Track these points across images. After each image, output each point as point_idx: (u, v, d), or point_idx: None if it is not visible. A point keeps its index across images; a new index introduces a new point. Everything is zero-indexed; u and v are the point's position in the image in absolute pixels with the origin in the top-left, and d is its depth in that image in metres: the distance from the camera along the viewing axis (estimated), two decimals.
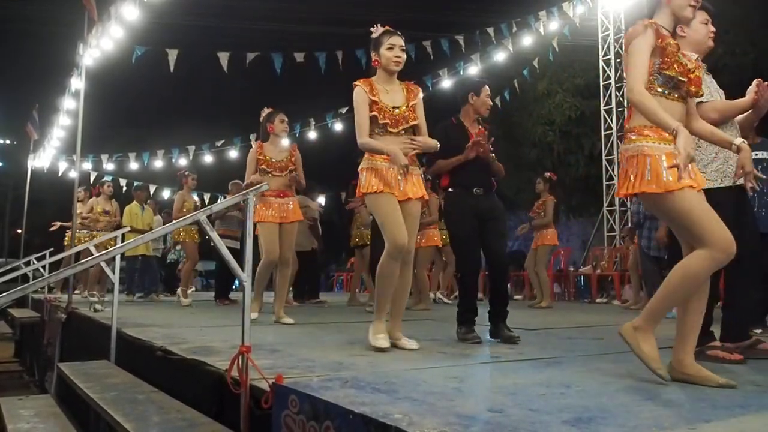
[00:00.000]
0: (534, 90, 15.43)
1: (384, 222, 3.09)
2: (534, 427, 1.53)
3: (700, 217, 2.15)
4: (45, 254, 8.25)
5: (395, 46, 3.19)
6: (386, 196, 3.10)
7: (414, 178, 3.20)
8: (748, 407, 1.81)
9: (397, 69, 3.23)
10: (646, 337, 2.20)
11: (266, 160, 4.82)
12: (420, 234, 6.78)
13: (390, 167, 3.13)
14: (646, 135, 2.21)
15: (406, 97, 3.25)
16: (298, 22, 21.75)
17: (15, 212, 24.96)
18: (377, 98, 3.16)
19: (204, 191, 14.08)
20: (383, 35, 3.21)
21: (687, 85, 2.29)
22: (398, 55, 3.19)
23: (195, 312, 6.12)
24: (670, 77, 2.26)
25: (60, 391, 4.17)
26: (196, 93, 26.97)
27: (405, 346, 3.08)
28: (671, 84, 2.27)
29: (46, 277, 2.83)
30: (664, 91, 2.27)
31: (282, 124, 4.92)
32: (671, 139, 2.15)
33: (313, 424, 1.76)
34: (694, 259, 2.15)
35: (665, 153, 2.17)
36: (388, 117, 3.15)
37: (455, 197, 3.71)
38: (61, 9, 18.91)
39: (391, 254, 3.05)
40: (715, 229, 2.13)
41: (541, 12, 11.25)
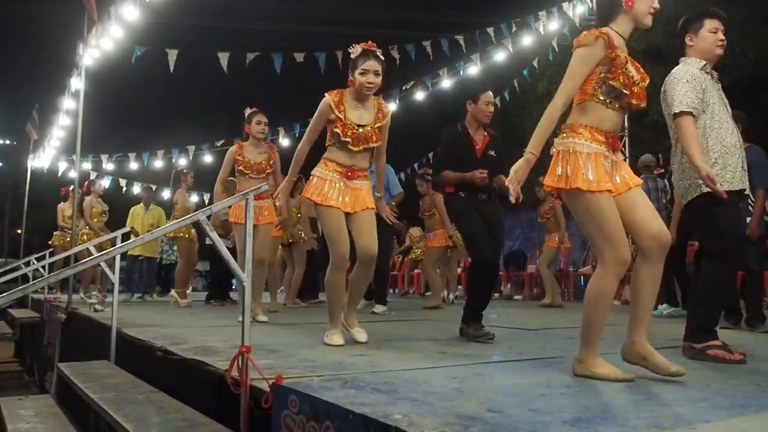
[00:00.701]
0: (534, 90, 15.41)
1: (330, 235, 3.25)
2: (534, 427, 1.53)
3: (603, 229, 2.22)
4: (45, 254, 8.26)
5: (369, 72, 3.23)
6: (334, 211, 3.24)
7: (363, 192, 3.33)
8: (747, 407, 1.80)
9: (367, 93, 3.30)
10: (594, 362, 2.27)
11: (244, 161, 4.81)
12: (430, 234, 6.99)
13: (341, 180, 3.27)
14: (579, 133, 2.28)
15: (375, 117, 3.32)
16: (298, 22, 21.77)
17: (15, 212, 24.99)
18: (342, 115, 3.25)
19: (204, 191, 14.08)
20: (359, 57, 3.25)
21: (629, 97, 2.32)
22: (371, 81, 3.24)
23: (195, 312, 6.12)
24: (613, 87, 2.29)
25: (60, 391, 4.17)
26: (196, 93, 26.96)
27: (355, 337, 3.26)
28: (614, 94, 2.30)
29: (46, 277, 2.83)
30: (606, 100, 2.30)
31: (258, 126, 4.88)
32: (603, 142, 2.28)
33: (313, 424, 1.76)
34: (598, 278, 2.27)
35: (595, 153, 2.25)
36: (350, 135, 3.25)
37: (463, 200, 3.75)
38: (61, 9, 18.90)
39: (335, 265, 3.24)
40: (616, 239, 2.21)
41: (541, 12, 11.24)
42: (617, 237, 2.23)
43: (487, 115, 3.80)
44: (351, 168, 3.29)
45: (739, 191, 2.98)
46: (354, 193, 3.29)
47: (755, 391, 2.07)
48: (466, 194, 3.73)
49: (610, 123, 2.32)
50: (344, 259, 3.26)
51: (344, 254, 3.24)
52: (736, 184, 2.95)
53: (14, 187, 26.35)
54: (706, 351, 2.73)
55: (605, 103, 2.30)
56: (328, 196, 3.23)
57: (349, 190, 3.28)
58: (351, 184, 3.29)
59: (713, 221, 2.90)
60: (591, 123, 2.29)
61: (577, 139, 2.26)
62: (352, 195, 3.28)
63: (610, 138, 2.32)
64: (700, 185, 2.87)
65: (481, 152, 3.79)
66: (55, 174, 13.70)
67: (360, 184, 3.32)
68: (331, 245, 3.24)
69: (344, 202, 3.26)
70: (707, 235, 3.01)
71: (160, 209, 8.70)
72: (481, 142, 3.81)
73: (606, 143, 2.30)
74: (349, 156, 3.29)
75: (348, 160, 3.29)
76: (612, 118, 2.32)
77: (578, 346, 2.32)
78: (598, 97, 2.30)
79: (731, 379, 2.20)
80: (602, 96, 2.30)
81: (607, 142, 2.30)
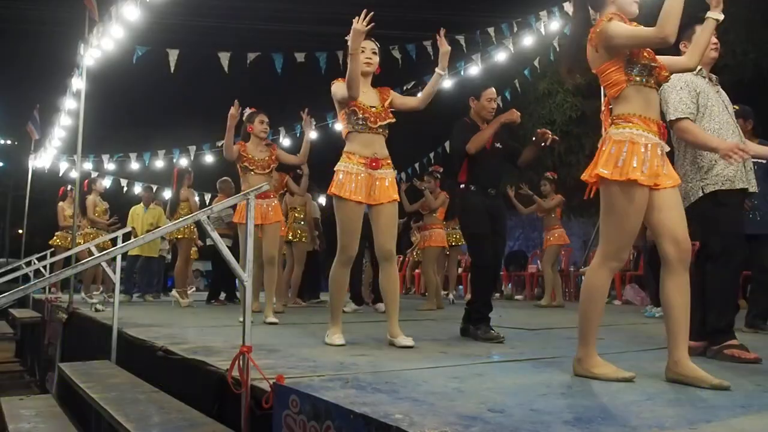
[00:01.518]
0: (535, 90, 15.41)
1: (342, 229, 3.24)
2: (535, 427, 1.53)
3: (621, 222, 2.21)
4: (46, 254, 8.26)
5: (366, 49, 3.31)
6: (351, 205, 3.21)
7: (387, 182, 3.29)
8: (749, 407, 1.80)
9: (369, 70, 3.34)
10: (593, 362, 2.27)
11: (248, 158, 4.81)
12: (428, 233, 6.86)
13: (365, 171, 3.23)
14: (635, 123, 2.25)
15: (381, 99, 3.37)
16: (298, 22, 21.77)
17: (16, 212, 24.97)
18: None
19: (205, 191, 14.08)
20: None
21: (659, 70, 2.30)
22: (369, 57, 3.33)
23: (196, 312, 6.13)
24: (644, 65, 2.27)
25: (61, 391, 4.18)
26: (196, 93, 26.94)
27: (401, 344, 3.13)
28: (646, 71, 2.28)
29: (47, 277, 2.83)
30: (642, 80, 2.28)
31: (261, 125, 4.90)
32: (656, 131, 2.25)
33: (313, 424, 1.76)
34: (591, 274, 2.30)
35: (653, 144, 2.22)
36: (366, 113, 3.26)
37: (474, 196, 3.76)
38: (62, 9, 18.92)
39: (342, 261, 3.25)
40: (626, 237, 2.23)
41: (542, 12, 11.23)
42: (629, 237, 2.25)
43: (490, 111, 3.85)
44: (374, 157, 3.26)
45: (742, 190, 2.98)
46: (379, 184, 3.27)
47: (756, 391, 2.07)
48: (477, 188, 3.75)
49: (654, 106, 2.30)
50: (350, 257, 3.26)
51: (352, 251, 3.23)
52: (738, 183, 2.96)
53: (15, 187, 26.37)
54: (723, 351, 2.75)
55: (643, 84, 2.28)
56: (350, 189, 3.20)
57: (374, 180, 3.26)
58: (376, 174, 3.27)
59: (713, 222, 2.92)
60: (639, 111, 2.26)
61: (634, 130, 2.23)
62: (377, 186, 3.26)
63: (661, 126, 2.30)
64: (702, 187, 2.90)
65: (490, 144, 3.81)
66: (56, 174, 13.70)
67: (385, 173, 3.30)
68: (341, 239, 3.23)
69: (367, 193, 3.23)
70: (708, 235, 3.01)
71: (159, 209, 8.69)
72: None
73: (658, 133, 2.27)
74: (368, 142, 3.27)
75: (368, 147, 3.27)
76: (654, 100, 2.30)
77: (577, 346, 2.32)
78: (634, 78, 2.27)
79: (732, 379, 2.19)
80: (638, 77, 2.27)
81: (659, 132, 2.28)
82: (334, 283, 3.31)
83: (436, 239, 6.90)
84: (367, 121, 3.25)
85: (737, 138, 3.01)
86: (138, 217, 8.41)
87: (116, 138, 21.32)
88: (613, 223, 2.25)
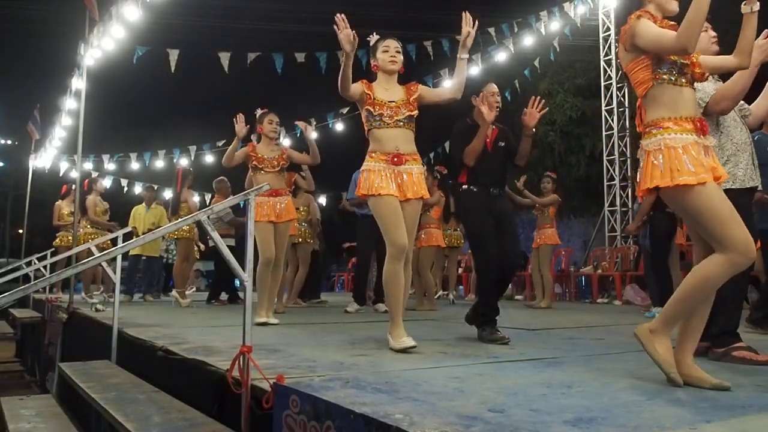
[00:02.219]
0: (535, 90, 15.37)
1: (384, 224, 3.15)
2: (535, 427, 1.53)
3: (720, 216, 2.07)
4: (46, 254, 8.25)
5: (390, 48, 3.35)
6: (386, 198, 3.14)
7: (414, 177, 3.24)
8: (749, 407, 1.80)
9: (394, 68, 3.34)
10: (661, 340, 2.16)
11: (258, 157, 4.81)
12: (421, 233, 6.77)
13: (389, 167, 3.18)
14: (666, 127, 2.16)
15: (406, 93, 3.34)
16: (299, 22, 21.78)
17: (16, 212, 24.99)
18: (371, 92, 3.27)
19: (205, 191, 14.09)
20: (378, 41, 3.37)
21: (691, 67, 2.23)
22: (393, 56, 3.34)
23: (196, 312, 6.13)
24: (673, 62, 2.19)
25: (61, 390, 4.18)
26: (197, 93, 26.99)
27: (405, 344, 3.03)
28: (676, 69, 2.20)
29: (47, 277, 2.83)
30: (671, 78, 2.20)
31: (270, 125, 4.89)
32: (692, 129, 2.15)
33: (314, 424, 1.76)
34: (713, 263, 2.10)
35: (689, 144, 2.12)
36: (382, 109, 3.24)
37: (474, 195, 3.73)
38: (63, 9, 18.93)
39: (393, 256, 3.11)
40: (735, 230, 2.06)
41: (542, 12, 11.25)
42: (737, 229, 2.06)
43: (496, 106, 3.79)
44: (396, 153, 3.21)
45: (751, 189, 2.95)
46: (406, 179, 3.21)
47: (757, 392, 2.06)
48: (478, 188, 3.71)
49: (688, 104, 2.20)
50: (403, 250, 3.11)
51: (403, 245, 3.10)
52: (747, 181, 2.93)
53: (16, 187, 26.38)
54: (731, 353, 2.71)
55: (672, 82, 2.19)
56: (378, 186, 3.15)
57: (399, 175, 3.20)
58: (401, 169, 3.21)
59: None
60: (668, 113, 2.17)
61: (666, 135, 2.14)
62: (404, 180, 3.20)
63: (697, 122, 2.19)
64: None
65: (491, 144, 3.79)
66: (57, 174, 13.71)
67: (410, 168, 3.24)
68: (387, 234, 3.13)
69: (396, 188, 3.18)
70: None
71: (161, 209, 8.68)
72: (491, 134, 3.82)
73: (695, 129, 2.17)
74: (389, 138, 3.22)
75: (390, 143, 3.22)
76: (687, 98, 2.21)
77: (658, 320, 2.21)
78: (662, 76, 2.19)
79: (733, 380, 2.19)
80: (665, 75, 2.19)
81: (696, 128, 2.17)
82: (390, 281, 3.13)
83: (431, 239, 6.80)
84: (382, 117, 3.23)
85: (745, 134, 2.98)
86: (140, 217, 8.41)
87: (116, 138, 21.35)
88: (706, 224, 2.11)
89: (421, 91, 3.37)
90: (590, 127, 14.81)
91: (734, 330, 2.81)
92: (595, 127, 13.63)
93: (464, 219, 3.93)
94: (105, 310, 5.38)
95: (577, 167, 15.98)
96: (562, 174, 15.71)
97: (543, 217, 7.38)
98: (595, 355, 2.98)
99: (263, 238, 4.64)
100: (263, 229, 4.66)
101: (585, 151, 15.68)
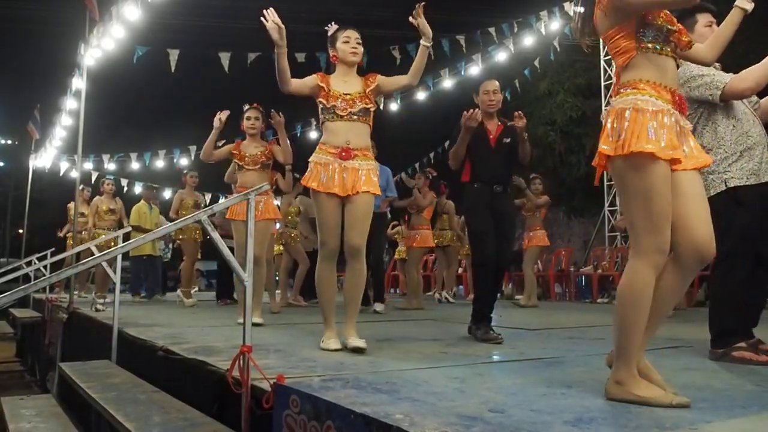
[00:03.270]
0: (535, 90, 15.42)
1: (319, 223, 3.15)
2: (535, 427, 1.53)
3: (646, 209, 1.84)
4: (46, 254, 8.25)
5: (350, 39, 3.26)
6: (324, 197, 3.10)
7: (361, 172, 3.13)
8: (749, 408, 1.80)
9: (354, 59, 3.27)
10: (634, 383, 1.85)
11: (239, 154, 4.79)
12: (415, 234, 6.82)
13: (335, 161, 3.12)
14: (642, 89, 1.92)
15: (363, 85, 3.26)
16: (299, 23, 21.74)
17: (16, 212, 24.99)
18: (325, 84, 3.20)
19: (205, 191, 14.09)
20: (338, 31, 3.29)
21: (678, 35, 2.03)
22: (355, 47, 3.26)
23: (197, 312, 6.13)
24: (658, 27, 1.97)
25: (61, 390, 4.18)
26: (197, 93, 26.95)
27: (353, 345, 2.95)
28: (661, 37, 1.98)
29: (47, 276, 2.83)
30: (655, 47, 1.96)
31: (248, 122, 4.85)
32: (669, 100, 1.93)
33: (314, 424, 1.76)
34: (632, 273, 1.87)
35: (661, 110, 1.89)
36: (335, 101, 3.17)
37: (477, 193, 3.72)
38: (63, 9, 18.92)
39: (324, 257, 3.13)
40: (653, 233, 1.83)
41: (542, 12, 11.24)
42: (663, 221, 1.84)
43: (489, 105, 3.77)
44: (345, 147, 3.11)
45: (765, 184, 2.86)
46: (351, 174, 3.10)
47: (757, 392, 2.06)
48: (480, 185, 3.70)
49: (671, 75, 1.98)
50: (332, 251, 3.10)
51: (332, 245, 3.09)
52: (762, 176, 2.85)
53: (16, 187, 26.40)
54: (730, 353, 2.67)
55: (656, 51, 1.96)
56: (321, 181, 3.09)
57: (346, 170, 3.10)
58: (348, 164, 3.10)
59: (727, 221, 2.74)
60: (651, 77, 1.93)
61: (640, 96, 1.90)
62: (349, 176, 3.09)
63: (677, 96, 1.97)
64: (726, 180, 2.80)
65: (494, 141, 3.77)
66: (57, 174, 13.72)
67: (358, 164, 3.12)
68: (319, 234, 3.12)
69: (339, 184, 3.08)
70: (717, 235, 2.94)
71: (157, 210, 8.71)
72: (495, 131, 3.80)
73: (673, 102, 1.94)
74: (339, 131, 3.14)
75: (340, 136, 3.12)
76: (670, 69, 1.98)
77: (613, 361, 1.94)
78: (646, 45, 1.95)
79: (733, 380, 2.19)
80: (650, 43, 1.96)
81: (674, 101, 1.95)
82: (319, 282, 3.16)
83: (421, 240, 6.83)
84: (335, 108, 3.15)
85: (759, 127, 2.91)
86: (144, 216, 8.38)
87: (117, 138, 21.34)
88: (635, 209, 1.86)
89: (379, 81, 3.27)
90: (591, 127, 14.78)
91: (734, 330, 2.76)
92: (595, 127, 13.60)
93: (465, 216, 3.93)
94: (105, 309, 5.38)
95: (577, 167, 15.95)
96: (563, 174, 15.72)
97: (534, 219, 7.40)
98: (596, 356, 2.97)
99: (237, 237, 4.65)
100: (237, 227, 4.65)
101: (585, 151, 15.65)
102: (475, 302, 3.65)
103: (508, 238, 3.75)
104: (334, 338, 3.06)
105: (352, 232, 3.11)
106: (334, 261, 3.17)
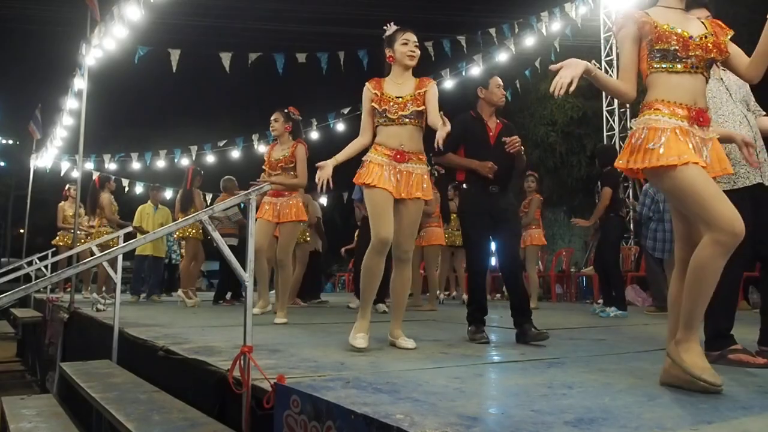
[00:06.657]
0: (536, 90, 15.39)
1: (372, 215, 3.15)
2: (536, 427, 1.53)
3: (700, 195, 2.00)
4: (47, 254, 8.26)
5: (409, 41, 3.27)
6: (379, 191, 3.12)
7: (414, 177, 3.19)
8: (750, 408, 1.80)
9: (411, 63, 3.29)
10: (686, 347, 2.07)
11: (268, 161, 4.95)
12: (424, 232, 6.74)
13: (390, 163, 3.16)
14: (656, 109, 2.14)
15: (415, 87, 3.27)
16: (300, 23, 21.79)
17: (17, 212, 25.04)
18: (378, 91, 3.23)
19: (206, 191, 14.10)
20: (397, 32, 3.29)
21: (686, 51, 2.16)
22: (412, 50, 3.28)
23: (197, 312, 6.12)
24: (664, 50, 2.16)
25: (62, 390, 4.18)
26: (198, 93, 26.98)
27: (402, 345, 3.10)
28: (669, 56, 2.17)
29: (48, 276, 2.84)
30: (666, 66, 2.17)
31: (272, 124, 5.02)
32: (685, 116, 2.11)
33: (314, 424, 1.76)
34: (701, 249, 2.02)
35: (672, 127, 2.08)
36: (387, 104, 3.19)
37: (471, 195, 3.70)
38: (64, 9, 18.95)
39: (374, 247, 3.10)
40: (717, 207, 1.98)
41: (543, 12, 11.25)
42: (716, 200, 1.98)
43: (500, 98, 3.77)
44: (400, 150, 3.16)
45: (755, 186, 2.86)
46: (405, 177, 3.15)
47: (757, 393, 2.06)
48: (476, 189, 3.66)
49: (683, 91, 2.15)
50: (384, 244, 3.07)
51: (385, 238, 3.06)
52: (752, 178, 2.85)
53: (17, 187, 26.44)
54: (726, 356, 2.66)
55: (666, 70, 2.16)
56: (375, 178, 3.12)
57: (400, 173, 3.15)
58: (402, 167, 3.16)
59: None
60: (664, 96, 2.14)
61: (653, 116, 2.12)
62: (403, 179, 3.15)
63: (693, 111, 2.14)
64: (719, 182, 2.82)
65: (494, 139, 3.74)
66: (58, 174, 13.74)
67: (412, 167, 3.18)
68: (372, 227, 3.12)
69: (393, 185, 3.12)
70: None
71: (167, 209, 8.66)
72: (495, 129, 3.77)
73: (688, 117, 2.12)
74: (395, 135, 3.18)
75: (395, 139, 3.17)
76: (683, 85, 2.15)
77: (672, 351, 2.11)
78: (659, 65, 2.17)
79: (733, 381, 2.19)
80: (657, 64, 2.17)
81: (690, 116, 2.13)
82: (367, 272, 3.11)
83: (433, 237, 6.76)
84: (386, 112, 3.19)
85: (746, 128, 2.89)
86: (148, 217, 8.36)
87: (118, 138, 21.39)
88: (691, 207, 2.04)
89: (429, 90, 3.25)
90: (591, 128, 14.78)
91: (727, 332, 2.76)
92: (596, 128, 13.62)
93: (460, 219, 3.91)
94: (106, 309, 5.38)
95: (578, 167, 15.94)
96: (563, 174, 15.70)
97: (527, 218, 7.35)
98: (596, 356, 2.98)
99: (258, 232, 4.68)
100: (260, 225, 4.72)
101: (586, 152, 15.64)
102: (468, 306, 3.67)
103: (513, 233, 3.73)
104: (363, 333, 3.05)
105: (402, 237, 3.18)
106: (385, 254, 3.13)
